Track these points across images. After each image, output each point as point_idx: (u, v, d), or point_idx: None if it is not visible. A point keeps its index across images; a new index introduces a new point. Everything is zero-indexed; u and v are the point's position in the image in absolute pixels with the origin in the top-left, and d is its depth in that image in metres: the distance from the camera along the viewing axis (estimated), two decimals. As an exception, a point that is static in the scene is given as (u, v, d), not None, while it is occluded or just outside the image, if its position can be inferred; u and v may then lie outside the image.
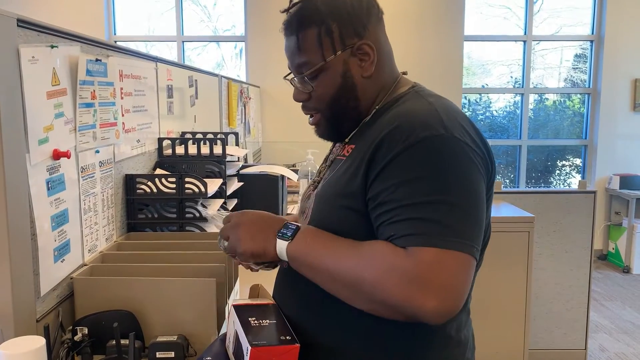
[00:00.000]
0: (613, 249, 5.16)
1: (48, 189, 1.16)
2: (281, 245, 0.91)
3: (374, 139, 0.89)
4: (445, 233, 0.79)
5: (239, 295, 1.61)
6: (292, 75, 1.01)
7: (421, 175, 0.82)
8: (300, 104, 1.03)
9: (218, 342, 1.06)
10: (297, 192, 3.22)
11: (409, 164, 0.83)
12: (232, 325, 0.99)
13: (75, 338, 1.17)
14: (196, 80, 2.64)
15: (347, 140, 1.01)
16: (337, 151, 1.03)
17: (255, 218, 0.97)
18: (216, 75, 3.22)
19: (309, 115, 1.03)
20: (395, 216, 0.82)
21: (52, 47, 1.18)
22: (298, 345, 0.88)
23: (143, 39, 5.42)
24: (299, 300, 0.97)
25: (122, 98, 1.60)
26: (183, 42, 5.38)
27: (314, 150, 3.21)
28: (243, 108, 4.09)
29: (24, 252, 1.06)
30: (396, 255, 0.80)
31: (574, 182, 5.63)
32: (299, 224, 0.94)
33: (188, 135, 2.19)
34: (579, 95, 5.54)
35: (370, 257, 0.82)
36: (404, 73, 1.06)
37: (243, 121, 4.09)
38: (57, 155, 1.18)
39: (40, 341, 0.85)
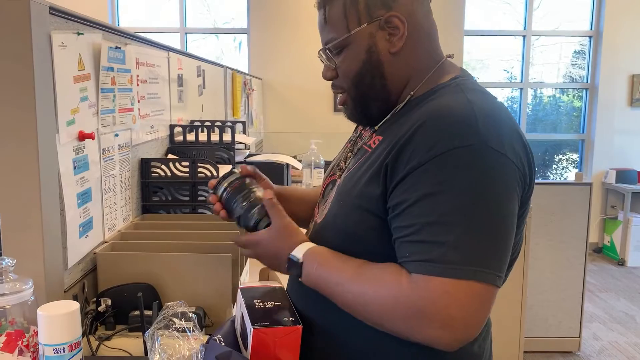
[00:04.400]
0: (608, 242, 5.24)
1: (74, 168, 1.23)
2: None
3: (400, 137, 0.82)
4: (459, 261, 0.73)
5: (248, 274, 1.68)
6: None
7: (443, 190, 0.75)
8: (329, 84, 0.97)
9: (229, 322, 1.10)
10: (301, 182, 3.28)
11: (432, 176, 0.76)
12: (239, 307, 1.02)
13: (99, 309, 1.24)
14: (204, 70, 2.70)
15: (376, 128, 0.94)
16: (365, 139, 0.97)
17: (264, 252, 0.97)
18: (222, 66, 3.28)
19: (337, 95, 0.99)
20: (410, 235, 0.77)
21: (78, 34, 1.24)
22: (300, 326, 0.89)
23: (147, 31, 5.46)
24: (315, 302, 0.93)
25: (137, 85, 1.66)
26: (186, 33, 5.43)
27: (317, 141, 3.27)
28: (246, 99, 4.15)
29: (54, 226, 1.13)
30: (401, 286, 0.76)
31: (571, 176, 5.71)
32: (300, 258, 0.90)
33: (197, 123, 2.26)
34: (575, 90, 5.61)
35: (375, 287, 0.80)
36: (450, 56, 0.96)
37: (246, 112, 4.16)
38: (82, 136, 1.25)
39: (74, 305, 0.91)
